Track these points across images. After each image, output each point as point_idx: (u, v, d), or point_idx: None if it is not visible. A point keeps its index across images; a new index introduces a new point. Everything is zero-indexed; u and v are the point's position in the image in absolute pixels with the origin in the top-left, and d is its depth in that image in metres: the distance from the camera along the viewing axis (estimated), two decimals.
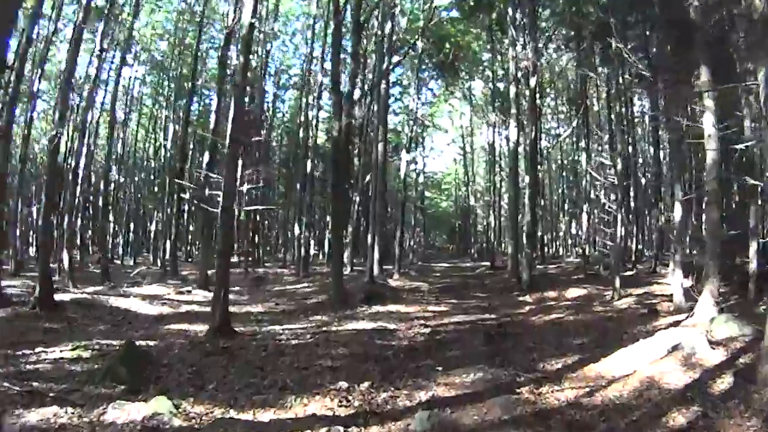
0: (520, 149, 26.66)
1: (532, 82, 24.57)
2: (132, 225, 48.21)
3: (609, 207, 20.16)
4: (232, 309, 17.69)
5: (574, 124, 29.20)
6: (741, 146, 13.24)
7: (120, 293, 19.56)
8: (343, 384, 8.53)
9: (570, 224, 46.89)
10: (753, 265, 15.82)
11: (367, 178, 32.47)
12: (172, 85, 41.07)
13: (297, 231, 33.72)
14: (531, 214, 24.73)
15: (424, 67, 38.28)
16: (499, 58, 36.25)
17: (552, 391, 8.23)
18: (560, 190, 49.21)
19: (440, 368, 9.65)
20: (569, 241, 48.02)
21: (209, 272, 25.52)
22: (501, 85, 37.93)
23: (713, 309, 12.37)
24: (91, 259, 37.73)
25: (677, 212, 16.19)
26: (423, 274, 32.47)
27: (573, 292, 21.13)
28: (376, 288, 22.49)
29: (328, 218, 42.41)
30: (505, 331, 13.66)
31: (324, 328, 14.06)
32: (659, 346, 9.61)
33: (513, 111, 26.26)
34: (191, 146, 38.83)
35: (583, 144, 31.89)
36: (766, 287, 15.15)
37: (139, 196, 49.73)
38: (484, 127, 49.73)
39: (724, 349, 9.45)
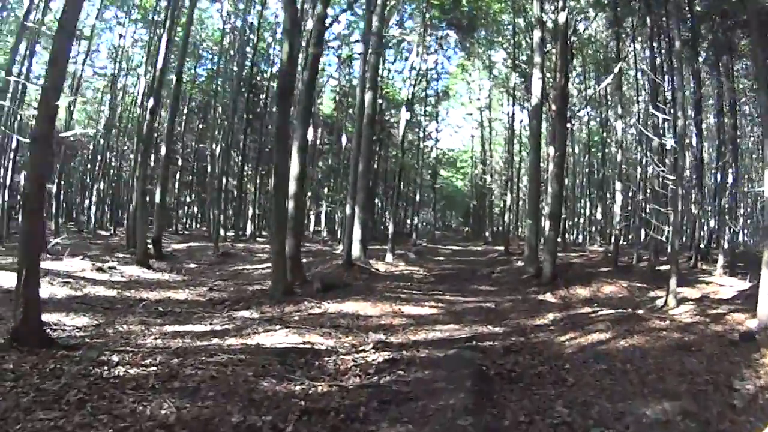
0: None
1: (561, 18, 18.13)
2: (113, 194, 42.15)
3: (665, 179, 13.81)
4: (148, 294, 13.10)
5: (611, 76, 22.34)
6: None
7: None
8: None
9: (595, 209, 40.89)
10: None
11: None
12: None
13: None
14: (557, 187, 18.18)
15: (439, 30, 32.19)
16: (521, 23, 29.66)
17: None
18: (584, 172, 43.17)
19: None
20: (591, 228, 42.28)
21: (149, 244, 20.25)
22: (523, 58, 31.37)
23: None
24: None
25: None
26: (423, 258, 26.34)
27: (607, 290, 15.55)
28: (352, 273, 16.87)
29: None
30: (514, 366, 7.49)
31: (216, 341, 8.20)
32: None
33: (537, 60, 19.80)
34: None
35: (617, 111, 25.30)
36: None
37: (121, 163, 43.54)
38: (504, 99, 43.46)
39: None
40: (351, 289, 13.90)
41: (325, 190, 42.70)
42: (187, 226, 45.45)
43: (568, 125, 23.91)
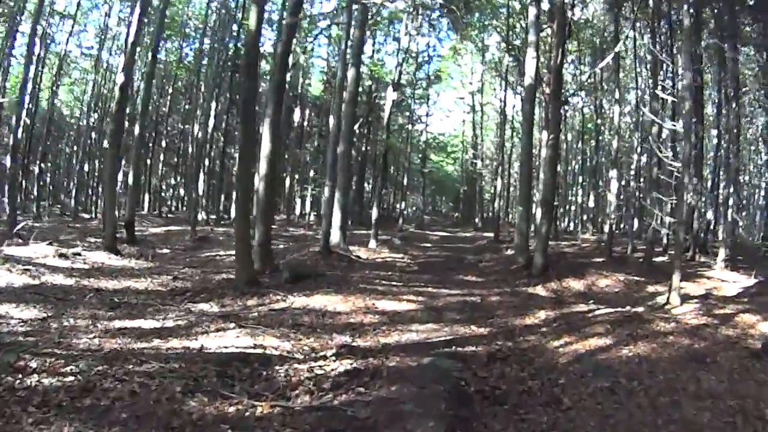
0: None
1: None
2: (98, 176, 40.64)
3: (669, 164, 12.62)
4: (107, 283, 11.91)
5: (611, 55, 20.76)
6: None
7: None
8: None
9: (587, 196, 39.78)
10: None
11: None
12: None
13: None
14: (550, 172, 16.88)
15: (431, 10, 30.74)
16: (517, 5, 28.34)
17: None
18: (576, 159, 42.09)
19: None
20: (583, 216, 41.07)
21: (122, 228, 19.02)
22: (518, 42, 29.96)
23: None
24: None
25: None
26: (409, 244, 24.97)
27: (602, 284, 14.31)
28: (329, 260, 15.69)
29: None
30: (499, 380, 6.27)
31: (156, 342, 7.00)
32: None
33: (532, 39, 18.41)
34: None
35: (614, 96, 24.04)
36: None
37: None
38: (497, 84, 42.14)
39: None
40: (324, 279, 12.66)
41: (311, 172, 41.26)
42: (172, 208, 44.11)
43: (562, 110, 22.69)
